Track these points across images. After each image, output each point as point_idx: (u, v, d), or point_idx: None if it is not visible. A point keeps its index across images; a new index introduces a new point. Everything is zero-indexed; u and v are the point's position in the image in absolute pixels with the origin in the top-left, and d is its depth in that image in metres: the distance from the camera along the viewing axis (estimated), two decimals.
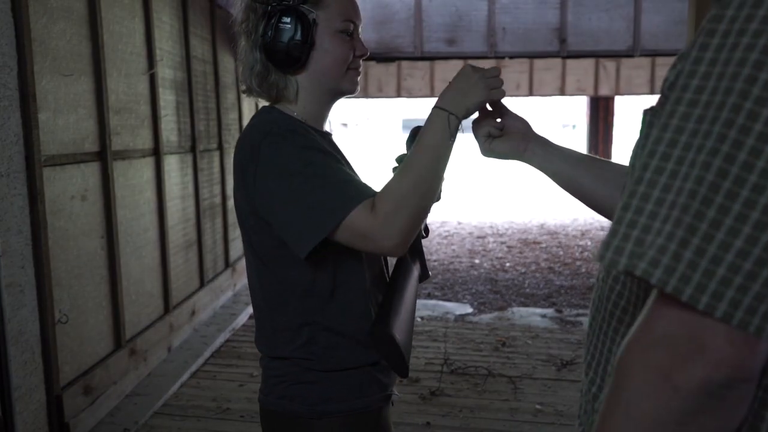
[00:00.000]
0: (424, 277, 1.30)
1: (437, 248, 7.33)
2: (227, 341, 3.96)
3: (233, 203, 1.18)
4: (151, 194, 3.44)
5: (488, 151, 1.12)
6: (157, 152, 3.48)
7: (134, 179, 3.24)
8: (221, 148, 4.61)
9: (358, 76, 1.19)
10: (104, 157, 2.91)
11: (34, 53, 2.35)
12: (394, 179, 1.04)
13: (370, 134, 31.97)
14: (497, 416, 2.92)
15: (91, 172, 2.82)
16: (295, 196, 1.02)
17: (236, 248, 4.85)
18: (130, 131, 3.20)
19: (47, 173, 2.46)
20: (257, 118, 1.15)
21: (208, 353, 3.67)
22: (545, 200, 11.32)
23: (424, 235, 1.26)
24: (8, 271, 2.18)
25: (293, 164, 1.03)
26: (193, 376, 3.39)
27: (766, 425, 0.50)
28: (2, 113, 2.17)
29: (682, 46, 4.94)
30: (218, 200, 4.59)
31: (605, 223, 8.89)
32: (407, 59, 6.16)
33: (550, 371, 3.44)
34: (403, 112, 31.52)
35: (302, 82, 1.15)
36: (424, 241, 1.33)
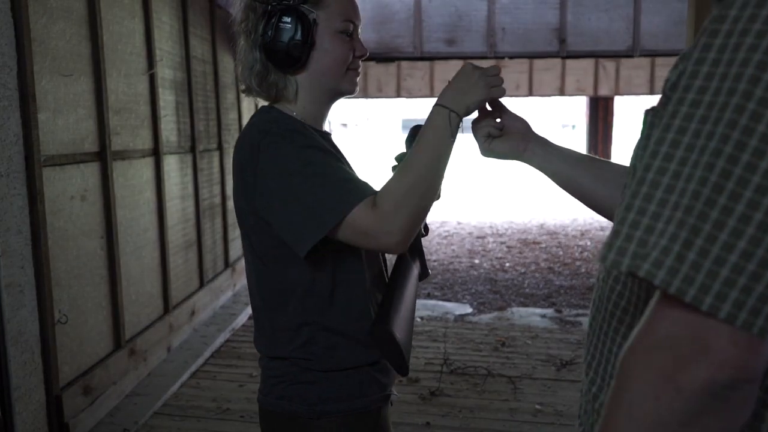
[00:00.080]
0: (423, 275, 1.30)
1: (437, 248, 7.33)
2: (227, 341, 3.96)
3: (233, 203, 1.18)
4: (150, 194, 3.43)
5: (488, 151, 1.12)
6: (156, 152, 3.48)
7: (134, 179, 3.24)
8: (221, 148, 4.60)
9: (357, 76, 1.19)
10: (104, 157, 2.91)
11: (33, 53, 2.35)
12: (395, 177, 1.04)
13: (369, 134, 31.96)
14: (497, 416, 2.92)
15: (90, 172, 2.82)
16: (294, 195, 1.02)
17: (236, 248, 4.85)
18: (129, 131, 3.20)
19: (47, 173, 2.46)
20: (256, 117, 1.15)
21: (207, 353, 3.67)
22: (545, 200, 11.33)
23: (423, 233, 1.26)
24: (8, 271, 2.18)
25: (293, 163, 1.03)
26: (192, 376, 3.39)
27: (766, 426, 0.50)
28: (2, 113, 2.17)
29: (681, 46, 4.94)
30: (218, 200, 4.59)
31: (605, 223, 8.89)
32: (407, 59, 6.16)
33: (549, 371, 3.44)
34: (402, 112, 31.51)
35: (302, 82, 1.15)
36: (423, 240, 1.33)
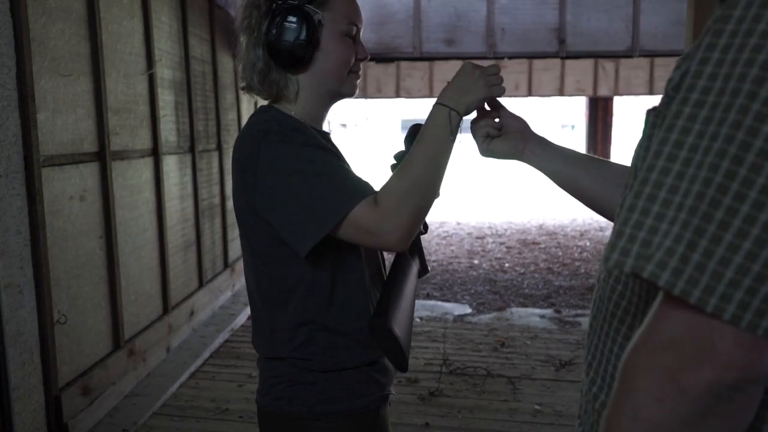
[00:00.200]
0: (423, 272, 1.30)
1: (436, 249, 7.33)
2: (226, 342, 3.96)
3: (232, 204, 1.18)
4: (149, 194, 3.43)
5: (487, 151, 1.12)
6: (155, 152, 3.48)
7: (133, 179, 3.24)
8: (220, 148, 4.60)
9: (357, 79, 1.20)
10: (103, 157, 2.90)
11: (32, 53, 2.35)
12: (396, 175, 1.04)
13: (369, 135, 31.95)
14: (496, 417, 2.92)
15: (89, 172, 2.82)
16: (295, 194, 1.02)
17: (235, 248, 4.84)
18: (128, 131, 3.20)
19: (46, 173, 2.46)
20: (256, 117, 1.14)
21: (207, 354, 3.67)
22: (544, 201, 11.33)
23: (423, 231, 1.26)
24: (7, 271, 2.18)
25: (293, 163, 1.03)
26: (192, 376, 3.39)
27: (767, 427, 0.50)
28: (1, 113, 2.17)
29: (680, 46, 4.94)
30: (217, 200, 4.58)
31: (604, 223, 8.89)
32: (406, 59, 6.16)
33: (548, 371, 3.44)
34: (402, 112, 31.50)
35: (303, 82, 1.14)
36: (423, 240, 1.33)
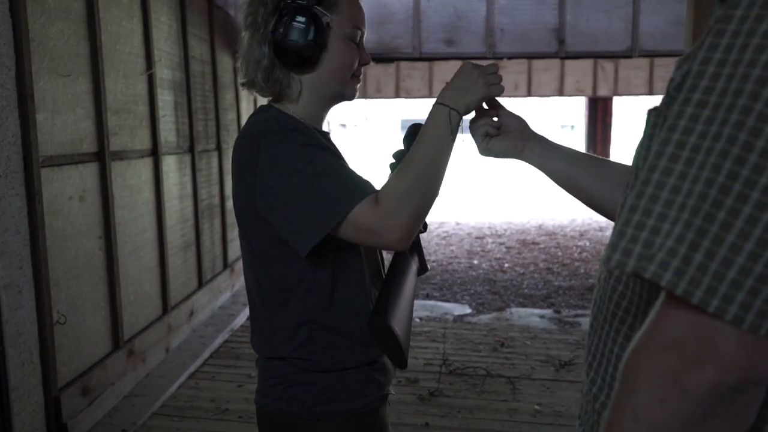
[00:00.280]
0: (422, 270, 1.30)
1: (436, 249, 7.33)
2: (226, 342, 3.96)
3: (232, 204, 1.18)
4: (149, 195, 3.43)
5: (486, 150, 1.12)
6: (155, 153, 3.48)
7: (132, 180, 3.24)
8: (219, 148, 4.60)
9: (358, 83, 1.20)
10: (102, 157, 2.90)
11: (32, 53, 2.34)
12: (397, 174, 1.04)
13: (368, 135, 31.94)
14: (496, 417, 2.91)
15: (89, 172, 2.82)
16: (295, 194, 1.02)
17: (235, 249, 4.84)
18: (128, 132, 3.19)
19: (45, 174, 2.46)
20: (256, 116, 1.14)
21: (206, 354, 3.66)
22: (543, 201, 11.33)
23: (422, 229, 1.26)
24: (6, 271, 2.18)
25: (294, 162, 1.03)
26: (191, 376, 3.39)
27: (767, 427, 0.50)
28: (0, 114, 2.17)
29: (680, 47, 4.94)
30: (216, 201, 4.58)
31: (603, 223, 8.89)
32: (406, 60, 6.16)
33: (548, 372, 3.44)
34: (401, 112, 31.50)
35: (306, 82, 1.14)
36: (422, 239, 1.33)
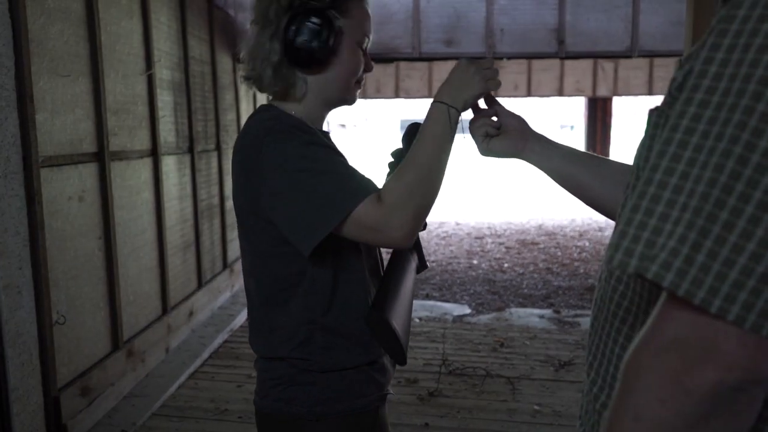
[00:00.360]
0: (422, 268, 1.31)
1: (435, 249, 7.32)
2: (225, 342, 3.95)
3: (232, 204, 1.18)
4: (148, 195, 3.43)
5: (486, 150, 1.12)
6: (154, 153, 3.48)
7: (132, 180, 3.24)
8: (219, 148, 4.60)
9: (359, 89, 1.21)
10: (102, 157, 2.90)
11: (31, 54, 2.34)
12: (398, 172, 1.05)
13: (368, 135, 31.94)
14: (495, 417, 2.91)
15: (88, 172, 2.82)
16: (297, 193, 1.02)
17: (234, 249, 4.84)
18: (127, 132, 3.19)
19: (45, 174, 2.46)
20: (257, 116, 1.14)
21: (206, 354, 3.66)
22: (543, 201, 11.33)
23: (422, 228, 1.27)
24: (6, 272, 2.18)
25: (295, 161, 1.03)
26: (191, 377, 3.38)
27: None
28: (0, 114, 2.17)
29: (680, 47, 4.94)
30: (216, 201, 4.58)
31: (603, 223, 8.90)
32: (405, 60, 6.15)
33: (548, 372, 3.44)
34: (401, 112, 31.49)
35: (312, 83, 1.14)
36: (422, 239, 1.34)
